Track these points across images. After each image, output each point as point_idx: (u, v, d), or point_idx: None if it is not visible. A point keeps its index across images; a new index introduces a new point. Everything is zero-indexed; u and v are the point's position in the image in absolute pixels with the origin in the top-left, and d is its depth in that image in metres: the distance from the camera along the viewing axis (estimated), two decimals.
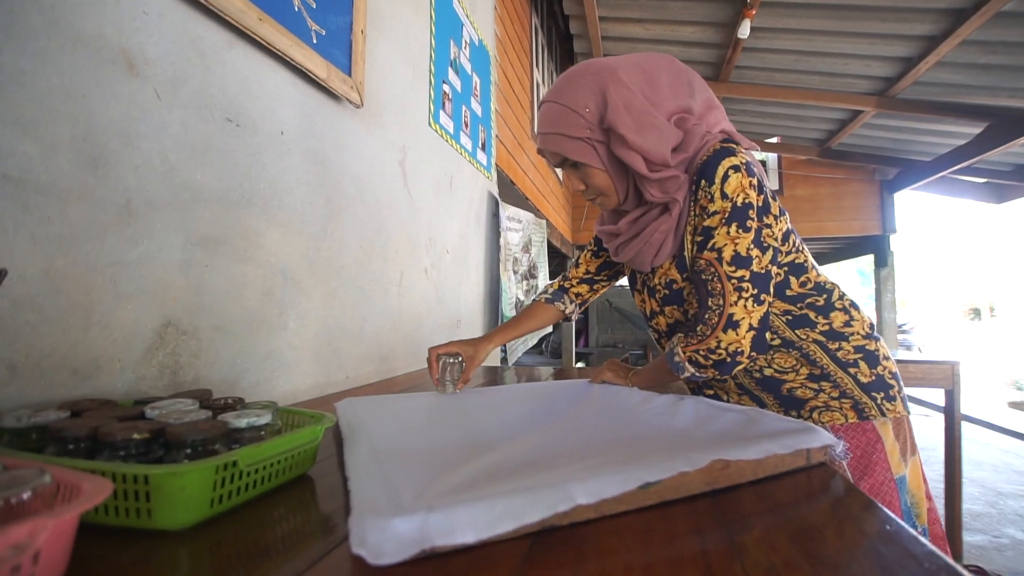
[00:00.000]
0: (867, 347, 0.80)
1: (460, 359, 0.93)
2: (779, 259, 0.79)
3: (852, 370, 0.78)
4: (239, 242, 0.90)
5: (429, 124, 1.79)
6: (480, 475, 0.48)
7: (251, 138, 0.94)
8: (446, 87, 1.97)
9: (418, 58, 1.71)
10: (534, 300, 1.08)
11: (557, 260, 5.82)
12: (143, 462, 0.48)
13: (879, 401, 0.78)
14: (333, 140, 1.20)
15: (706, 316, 0.73)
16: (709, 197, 0.72)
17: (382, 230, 1.44)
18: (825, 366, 0.79)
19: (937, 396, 1.89)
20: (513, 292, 2.75)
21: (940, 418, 2.12)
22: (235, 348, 0.89)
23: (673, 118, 0.75)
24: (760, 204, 0.73)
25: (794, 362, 0.80)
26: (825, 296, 0.81)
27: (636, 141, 0.71)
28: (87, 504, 0.33)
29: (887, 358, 0.81)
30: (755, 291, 0.71)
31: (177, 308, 0.77)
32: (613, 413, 0.76)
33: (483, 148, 2.43)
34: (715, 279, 0.72)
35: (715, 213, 0.72)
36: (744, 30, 3.23)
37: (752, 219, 0.71)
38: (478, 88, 2.37)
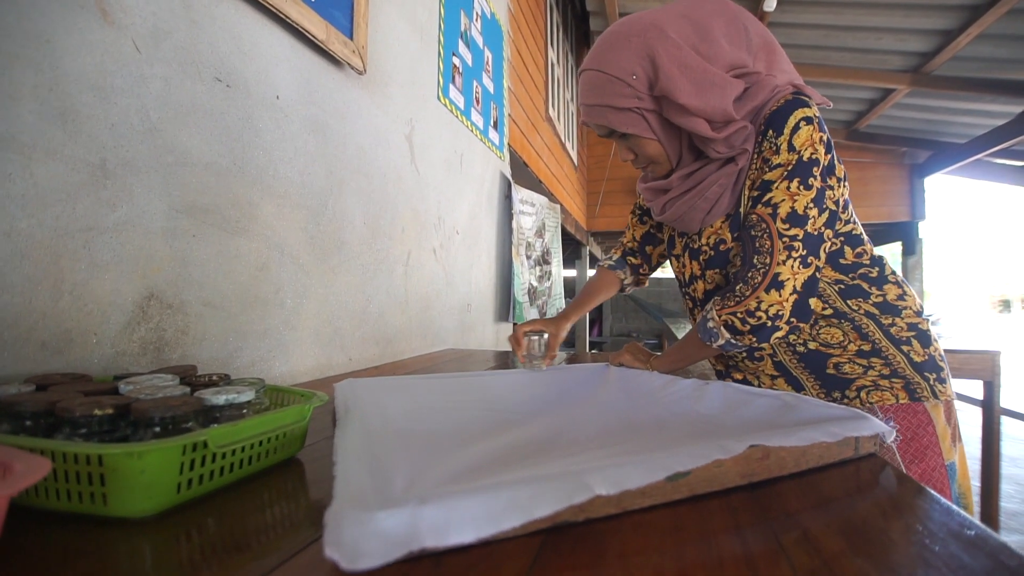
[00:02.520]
0: (919, 326, 0.75)
1: (544, 336, 0.94)
2: (836, 227, 0.74)
3: (905, 347, 0.74)
4: (230, 212, 0.84)
5: (438, 98, 1.72)
6: (484, 462, 0.43)
7: (243, 101, 0.88)
8: (456, 60, 1.89)
9: (426, 26, 1.64)
10: (599, 265, 1.06)
11: (571, 247, 5.73)
12: (108, 441, 0.43)
13: (932, 382, 0.73)
14: (334, 108, 1.13)
15: (749, 275, 0.68)
16: (775, 148, 0.67)
17: (388, 206, 1.38)
18: (877, 341, 0.74)
19: (968, 387, 1.79)
20: (526, 278, 2.69)
21: (969, 410, 2.02)
22: (227, 325, 0.84)
23: (732, 72, 0.69)
24: (826, 163, 0.68)
25: (842, 336, 0.75)
26: (878, 269, 0.76)
27: (697, 105, 0.66)
28: (12, 488, 0.29)
29: (936, 339, 0.77)
30: (804, 252, 0.66)
31: (160, 280, 0.72)
32: (633, 397, 0.71)
33: (495, 127, 2.35)
34: (765, 236, 0.67)
35: (778, 166, 0.67)
36: (770, 3, 3.11)
37: (816, 177, 0.66)
38: (490, 64, 2.29)
